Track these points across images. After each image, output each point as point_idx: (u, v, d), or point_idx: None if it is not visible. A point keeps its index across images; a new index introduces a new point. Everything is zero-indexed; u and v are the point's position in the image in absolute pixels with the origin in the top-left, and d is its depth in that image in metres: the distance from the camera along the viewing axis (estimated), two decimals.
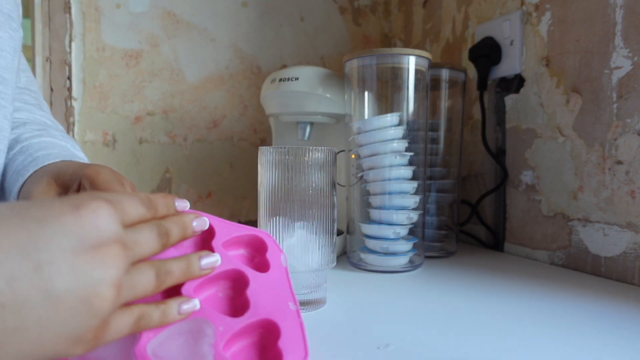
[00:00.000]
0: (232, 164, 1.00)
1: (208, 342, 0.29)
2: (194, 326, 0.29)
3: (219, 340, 0.29)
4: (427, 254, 0.69)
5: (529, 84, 0.70)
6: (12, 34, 0.44)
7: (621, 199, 0.56)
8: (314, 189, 0.44)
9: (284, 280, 0.36)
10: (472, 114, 0.83)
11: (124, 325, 0.26)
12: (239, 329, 0.30)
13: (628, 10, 0.56)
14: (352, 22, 1.09)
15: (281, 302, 0.33)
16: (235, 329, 0.30)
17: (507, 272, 0.60)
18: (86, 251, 0.23)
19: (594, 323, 0.42)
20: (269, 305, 0.33)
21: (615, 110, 0.57)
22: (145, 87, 0.94)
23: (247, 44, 1.00)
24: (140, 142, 0.94)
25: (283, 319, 0.32)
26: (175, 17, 0.95)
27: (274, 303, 0.33)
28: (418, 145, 0.63)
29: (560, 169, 0.65)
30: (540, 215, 0.68)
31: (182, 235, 0.31)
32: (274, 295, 0.34)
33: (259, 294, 0.33)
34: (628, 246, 0.56)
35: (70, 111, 0.89)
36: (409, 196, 0.62)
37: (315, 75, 0.67)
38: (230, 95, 0.99)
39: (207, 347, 0.29)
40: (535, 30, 0.69)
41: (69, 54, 0.89)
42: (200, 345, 0.29)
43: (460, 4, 0.86)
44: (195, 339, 0.29)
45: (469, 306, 0.46)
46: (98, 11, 0.90)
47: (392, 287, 0.54)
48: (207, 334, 0.29)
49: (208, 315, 0.30)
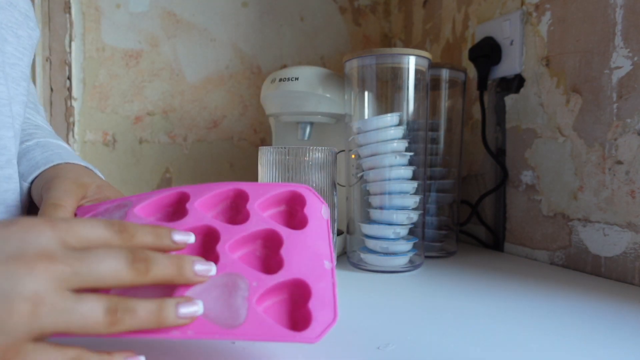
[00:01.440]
0: (232, 164, 1.00)
1: (242, 296, 0.29)
2: (229, 280, 0.30)
3: (252, 295, 0.30)
4: (427, 254, 0.69)
5: (529, 84, 0.70)
6: (30, 32, 0.45)
7: (621, 199, 0.56)
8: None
9: (324, 233, 0.36)
10: (472, 114, 0.83)
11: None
12: (271, 285, 0.31)
13: (628, 10, 0.56)
14: (352, 22, 1.09)
15: (316, 260, 0.34)
16: (268, 285, 0.31)
17: (507, 272, 0.60)
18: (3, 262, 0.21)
19: (594, 323, 0.42)
20: (302, 264, 0.33)
21: (615, 110, 0.57)
22: (145, 87, 0.94)
23: (247, 44, 1.00)
24: (140, 142, 0.94)
25: (316, 279, 0.32)
26: (175, 17, 0.95)
27: (308, 262, 0.33)
28: (418, 145, 0.63)
29: (560, 169, 0.65)
30: (540, 215, 0.68)
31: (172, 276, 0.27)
32: (310, 253, 0.34)
33: (293, 252, 0.33)
34: (628, 246, 0.56)
35: (70, 111, 0.89)
36: (409, 196, 0.62)
37: (315, 75, 0.67)
38: (230, 95, 0.99)
39: (240, 300, 0.29)
40: (535, 30, 0.69)
41: (69, 54, 0.89)
42: (234, 297, 0.29)
43: (460, 4, 0.86)
44: (229, 292, 0.29)
45: (469, 306, 0.46)
46: (98, 11, 0.90)
47: (392, 287, 0.54)
48: (240, 288, 0.30)
49: (242, 271, 0.31)
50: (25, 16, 0.44)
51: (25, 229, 0.23)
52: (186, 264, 0.27)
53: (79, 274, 0.23)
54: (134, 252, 0.25)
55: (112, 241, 0.25)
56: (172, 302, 0.26)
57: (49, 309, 0.21)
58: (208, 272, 0.29)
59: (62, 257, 0.23)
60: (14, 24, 0.43)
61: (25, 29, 0.44)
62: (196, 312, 0.27)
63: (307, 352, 0.35)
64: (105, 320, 0.23)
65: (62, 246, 0.23)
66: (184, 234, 0.29)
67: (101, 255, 0.24)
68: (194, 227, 0.33)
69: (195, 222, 0.33)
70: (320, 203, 0.37)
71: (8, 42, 0.42)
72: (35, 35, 0.46)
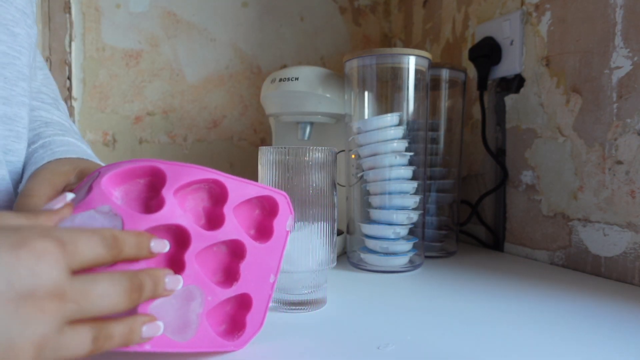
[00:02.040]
0: (232, 163, 1.00)
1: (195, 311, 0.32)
2: (188, 293, 0.32)
3: (205, 308, 0.32)
4: (427, 254, 0.69)
5: (529, 84, 0.70)
6: (28, 30, 0.44)
7: (621, 199, 0.56)
8: (314, 189, 0.44)
9: (280, 247, 0.37)
10: (472, 114, 0.83)
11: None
12: (223, 299, 0.33)
13: (628, 10, 0.56)
14: (352, 22, 1.09)
15: (266, 274, 0.36)
16: (221, 299, 0.33)
17: (507, 272, 0.60)
18: (13, 300, 0.20)
19: (594, 323, 0.42)
20: (253, 279, 0.35)
21: (615, 110, 0.57)
22: (145, 87, 0.94)
23: (247, 44, 1.00)
24: (140, 142, 0.94)
25: (258, 292, 0.35)
26: (175, 17, 0.95)
27: (259, 276, 0.35)
28: (418, 145, 0.63)
29: (560, 169, 0.65)
30: (540, 215, 0.68)
31: (151, 295, 0.28)
32: (263, 268, 0.36)
33: (250, 268, 0.35)
34: (628, 246, 0.56)
35: (70, 111, 0.89)
36: (409, 196, 0.62)
37: (315, 75, 0.67)
38: (230, 95, 0.99)
39: (194, 316, 0.32)
40: (535, 30, 0.69)
41: (69, 54, 0.89)
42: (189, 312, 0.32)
43: (460, 4, 0.86)
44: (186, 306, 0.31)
45: (469, 306, 0.46)
46: (98, 11, 0.90)
47: (392, 287, 0.54)
48: (196, 300, 0.32)
49: (201, 284, 0.32)
50: (22, 13, 0.42)
51: (37, 257, 0.21)
52: (160, 282, 0.29)
53: (83, 310, 0.23)
54: (131, 280, 0.26)
55: (104, 259, 0.26)
56: (139, 324, 0.28)
57: (50, 349, 0.22)
58: (176, 287, 0.30)
59: (70, 294, 0.23)
60: (9, 21, 0.41)
61: (23, 26, 0.42)
62: (157, 332, 0.29)
63: (307, 352, 0.35)
64: (90, 347, 0.24)
65: (69, 276, 0.23)
66: (160, 244, 0.30)
67: (102, 287, 0.25)
68: (169, 224, 0.31)
69: (170, 219, 0.31)
70: (289, 213, 0.38)
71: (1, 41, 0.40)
72: (33, 33, 0.44)
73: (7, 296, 0.20)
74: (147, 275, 0.28)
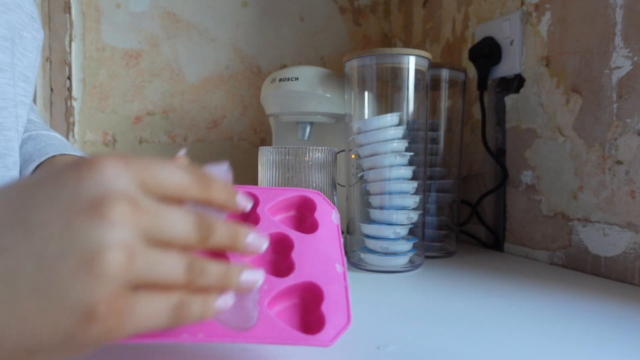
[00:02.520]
0: (232, 164, 1.00)
1: (253, 298, 0.29)
2: None
3: (264, 298, 0.30)
4: (427, 254, 0.69)
5: (529, 84, 0.70)
6: (35, 34, 0.45)
7: (621, 199, 0.56)
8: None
9: (335, 238, 0.36)
10: (472, 114, 0.83)
11: (155, 313, 0.22)
12: (283, 288, 0.31)
13: (628, 10, 0.56)
14: (352, 22, 1.09)
15: (328, 264, 0.33)
16: (280, 288, 0.31)
17: (507, 272, 0.60)
18: (83, 210, 0.20)
19: (594, 323, 0.42)
20: (314, 267, 0.33)
21: (615, 110, 0.57)
22: (145, 87, 0.94)
23: (247, 44, 1.00)
24: (140, 142, 0.94)
25: (328, 282, 0.32)
26: (175, 17, 0.95)
27: (319, 265, 0.33)
28: (418, 145, 0.63)
29: (560, 169, 0.65)
30: (540, 215, 0.68)
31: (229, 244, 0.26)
32: (321, 257, 0.34)
33: (304, 256, 0.33)
34: (628, 246, 0.56)
35: (70, 111, 0.89)
36: (409, 196, 0.62)
37: (315, 75, 0.67)
38: (230, 95, 0.99)
39: (252, 303, 0.29)
40: (535, 30, 0.69)
41: (69, 54, 0.89)
42: (245, 300, 0.29)
43: (460, 4, 0.86)
44: (241, 295, 0.28)
45: (469, 306, 0.46)
46: (98, 11, 0.90)
47: (392, 287, 0.54)
48: (252, 290, 0.29)
49: None
50: (31, 17, 0.44)
51: (97, 169, 0.21)
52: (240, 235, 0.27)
53: (157, 228, 0.22)
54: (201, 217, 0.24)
55: (191, 190, 0.24)
56: (237, 268, 0.26)
57: (143, 259, 0.21)
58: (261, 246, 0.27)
59: (144, 205, 0.21)
60: (19, 25, 0.43)
61: (30, 30, 0.44)
62: (257, 281, 0.27)
63: (306, 352, 0.35)
64: (184, 277, 0.23)
65: (141, 190, 0.22)
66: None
67: (178, 215, 0.23)
68: None
69: None
70: (330, 208, 0.37)
71: None
72: (39, 37, 0.46)
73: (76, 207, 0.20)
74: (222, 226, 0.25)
